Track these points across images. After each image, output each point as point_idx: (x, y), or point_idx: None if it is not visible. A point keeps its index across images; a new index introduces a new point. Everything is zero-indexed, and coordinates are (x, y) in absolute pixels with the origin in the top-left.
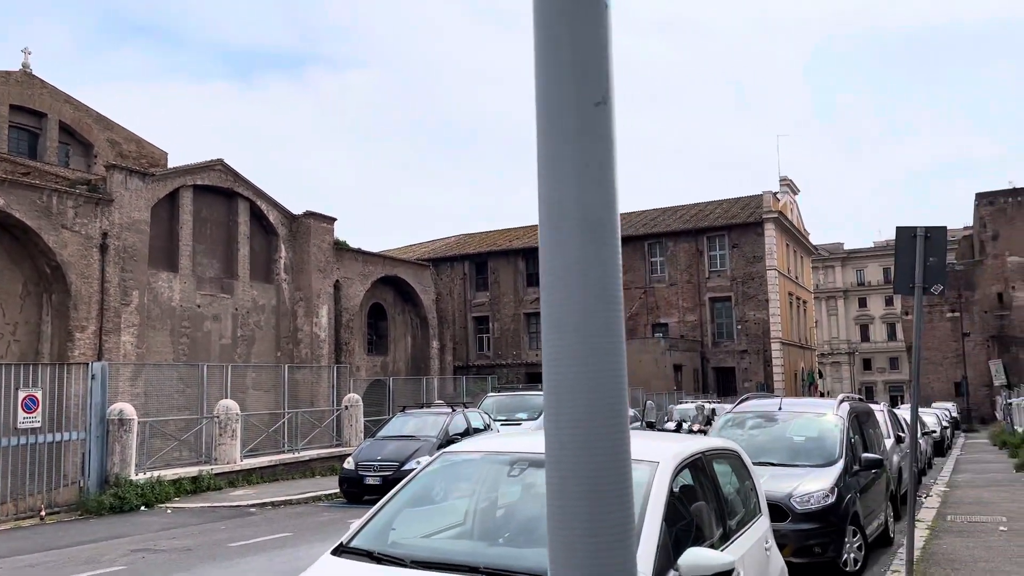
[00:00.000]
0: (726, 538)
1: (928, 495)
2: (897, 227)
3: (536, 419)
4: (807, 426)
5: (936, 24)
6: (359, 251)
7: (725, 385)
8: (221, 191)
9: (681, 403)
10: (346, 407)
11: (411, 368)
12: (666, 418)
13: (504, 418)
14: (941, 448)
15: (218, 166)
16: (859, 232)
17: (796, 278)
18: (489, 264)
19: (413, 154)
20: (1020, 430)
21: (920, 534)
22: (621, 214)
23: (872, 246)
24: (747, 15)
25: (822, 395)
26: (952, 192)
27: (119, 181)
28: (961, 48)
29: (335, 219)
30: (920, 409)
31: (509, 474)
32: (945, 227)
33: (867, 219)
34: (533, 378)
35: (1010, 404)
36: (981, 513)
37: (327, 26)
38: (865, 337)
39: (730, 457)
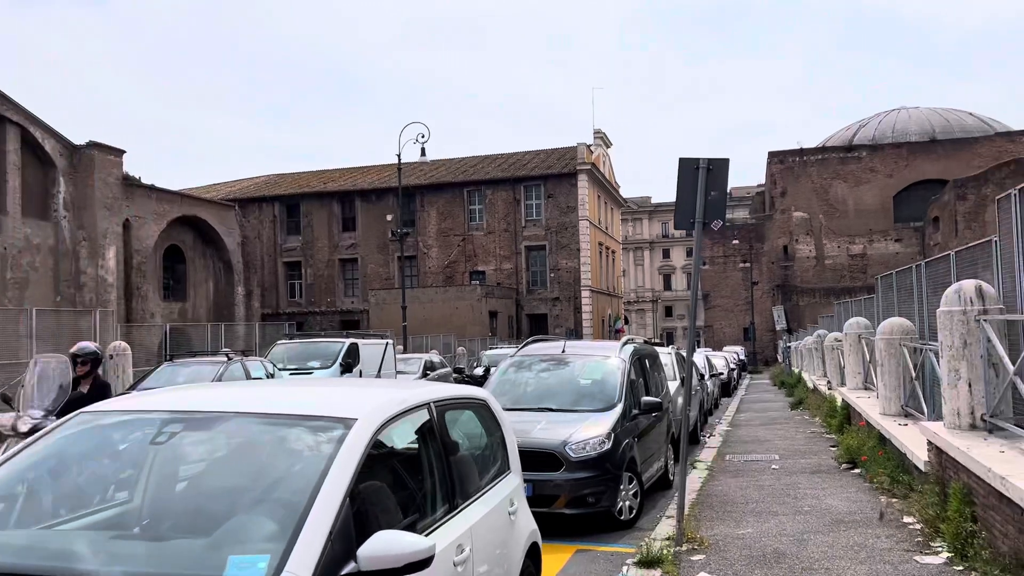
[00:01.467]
0: (453, 509)
1: (712, 434)
2: (680, 158)
3: (330, 367)
4: (589, 369)
5: None
6: (152, 188)
7: (538, 331)
8: None
9: (493, 349)
10: (111, 356)
11: (214, 315)
12: (475, 364)
13: (295, 367)
14: (728, 389)
15: None
16: (666, 187)
17: (606, 229)
18: (302, 207)
19: (221, 89)
20: (796, 371)
21: (698, 475)
22: (438, 160)
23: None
24: None
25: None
26: (753, 151)
27: None
28: (763, 17)
29: (123, 151)
30: (710, 352)
31: (154, 440)
32: (727, 159)
33: (674, 175)
34: (348, 325)
35: (789, 348)
36: (757, 451)
37: None
38: (668, 286)
39: (473, 407)
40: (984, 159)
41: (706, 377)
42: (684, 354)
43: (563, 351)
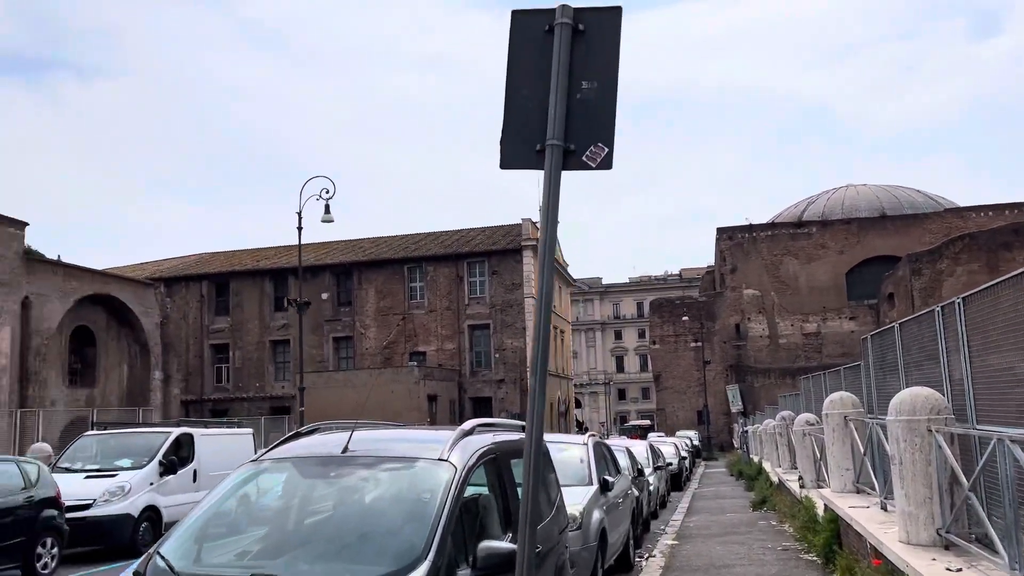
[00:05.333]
0: None
1: (651, 554)
2: (514, 11)
3: (145, 467)
4: (384, 487)
5: (675, 87)
6: (58, 263)
7: (482, 415)
8: None
9: None
10: None
11: (127, 402)
12: None
13: (96, 468)
14: (679, 481)
15: None
16: (617, 268)
17: (554, 307)
18: (232, 285)
19: (162, 171)
20: (756, 459)
21: None
22: (379, 238)
23: (627, 281)
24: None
25: (579, 425)
26: (699, 237)
27: None
28: (699, 111)
29: (26, 223)
30: (659, 438)
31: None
32: (618, 8)
33: (623, 258)
34: (278, 412)
35: (746, 432)
36: None
37: (74, 31)
38: (620, 368)
39: None
40: (935, 235)
41: (647, 472)
42: (606, 442)
43: (345, 450)
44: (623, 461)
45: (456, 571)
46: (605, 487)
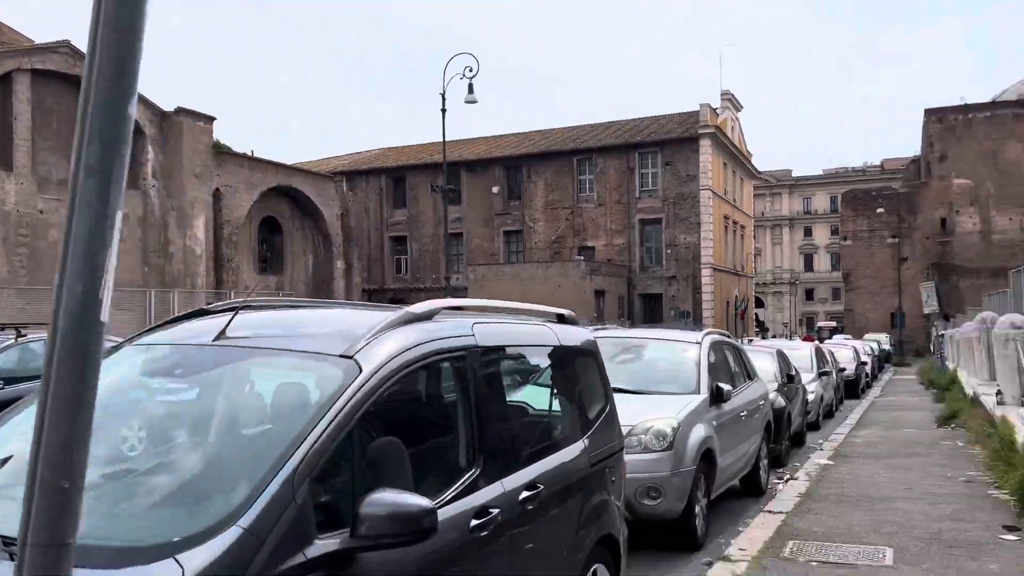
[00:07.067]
0: None
1: (794, 475)
2: None
3: None
4: (242, 397)
5: None
6: (245, 156)
7: (652, 313)
8: (71, 79)
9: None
10: None
11: (312, 289)
12: None
13: None
14: (856, 389)
15: (63, 48)
16: (808, 162)
17: (734, 201)
18: (408, 179)
19: (348, 70)
20: (951, 367)
21: None
22: (548, 130)
23: (821, 173)
24: None
25: (759, 325)
26: (903, 126)
27: None
28: None
29: (214, 118)
30: (844, 340)
31: None
32: None
33: (816, 149)
34: None
35: (942, 337)
36: (861, 531)
37: None
38: (809, 267)
39: None
40: None
41: (806, 378)
42: (755, 344)
43: (220, 336)
44: (768, 365)
45: (314, 536)
46: (718, 397)
